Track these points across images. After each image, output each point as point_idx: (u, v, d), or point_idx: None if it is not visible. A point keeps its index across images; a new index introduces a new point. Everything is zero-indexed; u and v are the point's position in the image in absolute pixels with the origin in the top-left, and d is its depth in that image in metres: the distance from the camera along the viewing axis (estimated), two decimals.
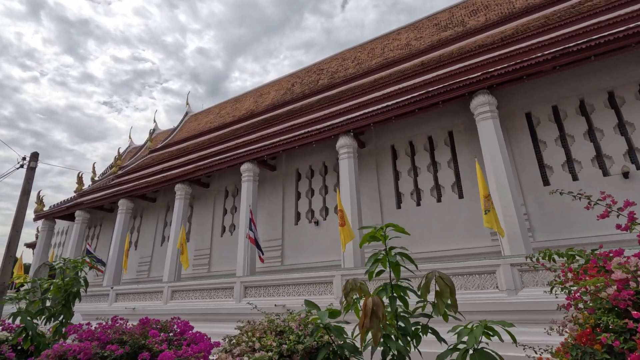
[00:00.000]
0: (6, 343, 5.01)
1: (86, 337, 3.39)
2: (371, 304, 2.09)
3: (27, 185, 6.86)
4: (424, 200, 10.69)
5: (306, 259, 12.16)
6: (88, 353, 3.09)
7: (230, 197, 15.31)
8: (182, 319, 4.11)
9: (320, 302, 7.91)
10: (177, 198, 14.35)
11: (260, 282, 9.23)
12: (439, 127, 11.06)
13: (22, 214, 6.80)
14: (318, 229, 12.31)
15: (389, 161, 11.65)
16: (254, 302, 9.14)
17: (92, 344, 3.18)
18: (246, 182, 12.41)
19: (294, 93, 19.93)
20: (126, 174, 21.59)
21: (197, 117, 28.13)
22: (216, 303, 9.85)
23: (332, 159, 12.92)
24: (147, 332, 3.41)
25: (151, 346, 3.36)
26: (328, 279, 8.22)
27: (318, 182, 13.03)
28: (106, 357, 3.20)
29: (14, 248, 6.55)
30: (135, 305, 11.45)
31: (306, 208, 12.95)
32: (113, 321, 4.20)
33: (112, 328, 3.59)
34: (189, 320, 9.46)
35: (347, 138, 10.70)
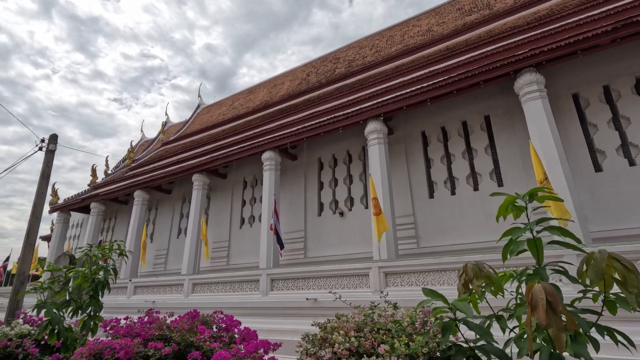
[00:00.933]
0: (29, 337, 4.56)
1: (124, 332, 2.87)
2: (543, 293, 1.51)
3: (47, 168, 6.40)
4: (459, 188, 10.03)
5: (330, 252, 11.62)
6: (130, 352, 2.58)
7: (249, 188, 14.81)
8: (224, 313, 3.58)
9: (355, 295, 7.34)
10: (194, 189, 13.90)
11: (288, 275, 8.72)
12: (474, 112, 10.36)
13: (42, 199, 6.36)
14: (343, 220, 11.75)
15: (419, 148, 11.00)
16: (282, 296, 8.64)
17: (134, 340, 2.66)
18: (268, 171, 11.88)
19: (310, 83, 19.32)
20: (140, 166, 21.30)
21: (210, 110, 27.75)
22: (240, 296, 9.38)
23: (357, 147, 12.31)
24: (197, 328, 2.88)
25: (200, 344, 2.83)
26: (363, 271, 7.66)
27: (342, 172, 12.44)
28: (150, 357, 2.67)
29: (33, 236, 6.12)
30: (155, 299, 11.06)
31: (329, 198, 12.38)
32: (148, 315, 3.70)
33: (152, 322, 3.06)
34: None
35: (376, 123, 10.07)
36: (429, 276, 6.89)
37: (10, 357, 4.28)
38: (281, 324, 8.06)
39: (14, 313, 5.55)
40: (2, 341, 4.33)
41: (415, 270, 7.03)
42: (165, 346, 2.68)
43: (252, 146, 12.43)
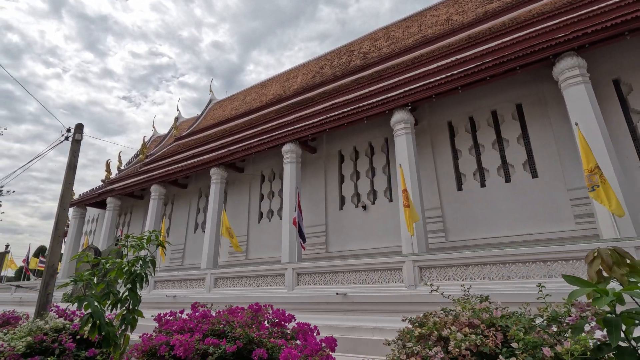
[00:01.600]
0: (64, 332, 4.36)
1: (178, 328, 2.62)
2: None
3: (73, 158, 6.22)
4: (489, 180, 9.65)
5: (353, 246, 11.35)
6: (190, 348, 2.33)
7: (267, 182, 14.58)
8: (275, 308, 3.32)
9: (387, 290, 7.04)
10: (212, 182, 13.72)
11: (315, 269, 8.46)
12: (504, 100, 9.94)
13: (69, 189, 6.18)
14: (366, 214, 11.45)
15: (445, 139, 10.63)
16: (309, 290, 8.40)
17: (194, 336, 2.40)
18: (289, 163, 11.62)
19: (324, 75, 18.99)
20: (154, 161, 21.26)
21: (222, 105, 27.61)
22: (265, 291, 9.16)
23: (379, 138, 11.98)
24: (261, 323, 2.62)
25: (263, 340, 2.57)
26: (396, 265, 7.36)
27: (364, 164, 12.12)
28: (209, 354, 2.42)
29: (62, 227, 5.95)
30: (176, 293, 10.91)
31: (351, 192, 12.08)
32: (193, 309, 3.46)
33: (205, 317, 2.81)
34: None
35: (403, 112, 9.72)
36: (469, 270, 6.56)
37: (46, 352, 4.09)
38: (310, 319, 7.79)
39: (45, 307, 5.39)
40: (37, 335, 4.14)
41: (453, 264, 6.71)
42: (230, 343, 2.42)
43: (272, 138, 12.17)
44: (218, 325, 2.67)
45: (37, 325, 4.36)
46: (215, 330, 2.84)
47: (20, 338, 4.16)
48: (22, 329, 4.35)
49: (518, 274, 6.12)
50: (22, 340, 4.08)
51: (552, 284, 5.61)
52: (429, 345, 1.77)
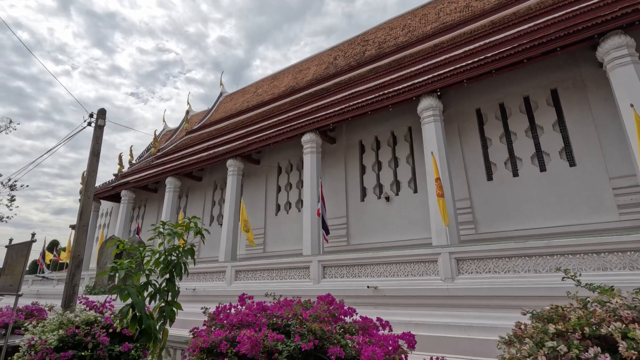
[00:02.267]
0: (96, 325, 4.10)
1: (238, 322, 2.31)
2: None
3: (96, 145, 5.96)
4: (522, 169, 9.21)
5: (375, 238, 11.01)
6: (258, 345, 2.00)
7: (284, 174, 14.28)
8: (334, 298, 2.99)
9: (421, 283, 6.69)
10: (229, 174, 13.46)
11: (342, 261, 8.14)
12: (538, 86, 9.45)
13: (93, 178, 5.92)
14: (389, 205, 11.08)
15: (474, 127, 10.18)
16: (336, 283, 8.10)
17: (263, 332, 2.09)
18: (309, 154, 11.28)
19: (338, 66, 18.55)
20: (166, 154, 21.11)
21: (233, 97, 27.35)
22: (289, 284, 8.88)
23: (402, 127, 11.56)
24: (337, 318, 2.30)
25: (337, 337, 2.24)
26: (430, 258, 7.00)
27: (386, 154, 11.73)
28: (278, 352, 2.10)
29: (86, 216, 5.70)
30: (195, 286, 10.71)
31: (373, 183, 11.71)
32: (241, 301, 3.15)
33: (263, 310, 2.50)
34: None
35: (431, 99, 9.29)
36: (512, 262, 6.18)
37: (79, 346, 3.84)
38: None
39: (72, 298, 5.16)
40: (69, 328, 3.88)
41: (494, 256, 6.34)
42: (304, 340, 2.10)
43: (291, 128, 11.82)
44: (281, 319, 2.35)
45: (68, 318, 4.11)
46: (274, 324, 2.52)
47: (51, 331, 3.92)
48: (52, 322, 4.11)
49: (568, 267, 5.72)
50: (53, 333, 3.84)
51: (609, 277, 5.22)
52: (577, 345, 1.42)
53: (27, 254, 4.57)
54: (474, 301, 6.34)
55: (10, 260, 4.88)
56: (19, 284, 4.47)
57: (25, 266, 4.52)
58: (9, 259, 4.94)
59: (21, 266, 4.55)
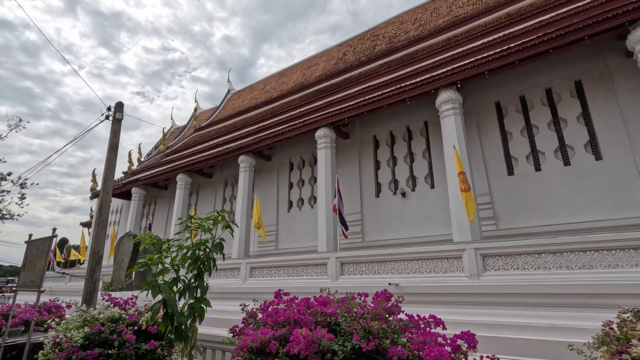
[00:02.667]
0: (121, 322, 3.97)
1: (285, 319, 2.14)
2: None
3: (114, 139, 5.83)
4: (545, 163, 8.94)
5: (391, 235, 10.81)
6: (313, 344, 1.83)
7: (296, 170, 14.11)
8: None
9: (444, 280, 6.50)
10: (241, 170, 13.32)
11: (360, 258, 7.96)
12: (561, 77, 9.16)
13: (112, 172, 5.80)
14: (405, 202, 10.87)
15: (493, 120, 9.92)
16: (355, 280, 7.93)
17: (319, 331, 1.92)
18: (323, 149, 11.09)
19: (348, 62, 18.34)
20: (175, 151, 21.09)
21: (240, 95, 27.28)
22: (305, 281, 8.73)
23: (418, 122, 11.32)
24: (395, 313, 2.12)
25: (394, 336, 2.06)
26: (455, 254, 6.79)
27: (401, 149, 11.50)
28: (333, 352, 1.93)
29: (106, 211, 5.58)
30: (209, 283, 10.59)
31: (388, 178, 11.50)
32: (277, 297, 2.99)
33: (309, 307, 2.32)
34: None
35: (450, 92, 9.05)
36: (542, 259, 5.96)
37: (104, 344, 3.71)
38: None
39: (92, 295, 5.04)
40: (95, 326, 3.76)
41: (523, 252, 6.11)
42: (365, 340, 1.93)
43: (305, 123, 11.64)
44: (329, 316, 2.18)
45: (92, 315, 3.98)
46: (319, 322, 2.35)
47: (76, 328, 3.79)
48: (76, 319, 3.98)
49: (602, 263, 5.49)
50: (79, 331, 3.71)
51: None
52: None
53: (48, 250, 4.46)
54: (501, 299, 6.13)
55: (31, 256, 4.78)
56: (41, 280, 4.36)
57: (46, 262, 4.41)
58: (29, 254, 4.84)
59: (42, 262, 4.44)
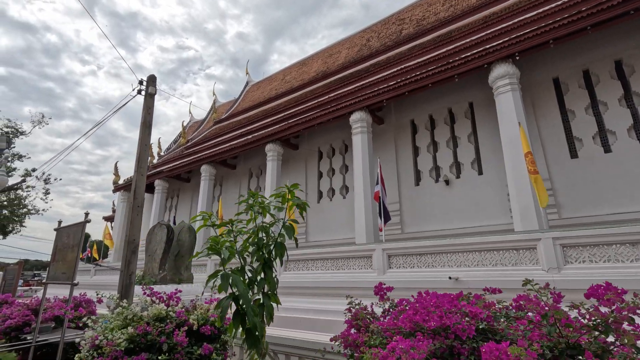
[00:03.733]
0: (169, 321, 3.34)
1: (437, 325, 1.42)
2: None
3: (147, 115, 5.22)
4: (617, 144, 7.94)
5: (434, 226, 9.99)
6: None
7: (325, 159, 13.40)
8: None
9: (514, 274, 5.65)
10: (268, 160, 12.70)
11: (413, 250, 7.20)
12: (636, 46, 8.10)
13: (146, 152, 5.22)
14: (449, 190, 10.02)
15: (551, 98, 8.94)
16: (406, 274, 7.19)
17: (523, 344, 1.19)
18: (359, 134, 10.32)
19: (372, 48, 17.47)
20: (196, 144, 20.75)
21: (260, 86, 26.76)
22: (347, 275, 8.02)
23: (461, 104, 10.41)
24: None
25: None
26: (527, 244, 5.95)
27: (443, 134, 10.62)
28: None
29: (140, 195, 4.99)
30: None
31: (429, 165, 10.65)
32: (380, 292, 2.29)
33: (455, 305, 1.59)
34: (314, 295, 7.56)
35: (506, 65, 8.12)
36: (638, 249, 5.07)
37: (152, 348, 3.09)
38: None
39: (128, 289, 4.46)
40: (140, 326, 3.14)
41: (615, 242, 5.24)
42: None
43: (339, 107, 10.87)
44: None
45: (134, 313, 3.37)
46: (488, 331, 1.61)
47: (117, 328, 3.19)
48: (117, 317, 3.38)
49: None
50: (121, 332, 3.10)
51: None
52: None
53: (80, 237, 3.90)
54: None
55: (61, 245, 4.24)
56: (74, 272, 3.80)
57: (79, 250, 3.85)
58: (59, 243, 4.30)
59: (75, 251, 3.88)
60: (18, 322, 5.26)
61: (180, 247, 6.96)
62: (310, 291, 8.28)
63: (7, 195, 29.12)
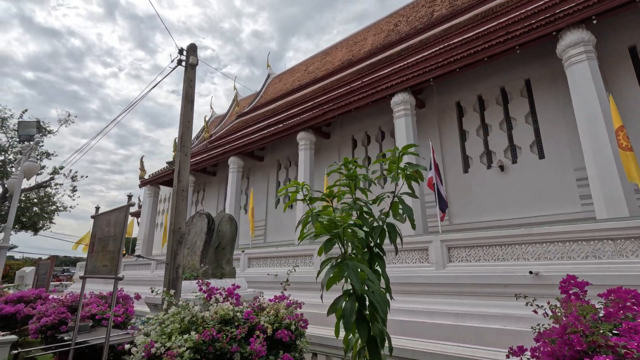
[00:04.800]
0: (237, 323, 2.68)
1: None
2: None
3: (189, 89, 4.62)
4: None
5: (487, 216, 9.09)
6: None
7: (360, 147, 12.63)
8: None
9: (610, 268, 4.74)
10: (301, 149, 12.04)
11: (474, 241, 6.37)
12: None
13: (189, 130, 4.61)
14: (504, 176, 9.09)
15: (628, 68, 7.86)
16: (469, 269, 6.38)
17: None
18: (402, 117, 9.49)
19: (401, 32, 16.51)
20: (220, 138, 20.37)
21: (282, 78, 26.25)
22: (400, 269, 7.27)
23: (516, 81, 9.42)
24: None
25: None
26: (626, 232, 5.04)
27: (495, 115, 9.67)
28: None
29: (185, 178, 4.39)
30: (277, 272, 9.45)
31: (479, 150, 9.73)
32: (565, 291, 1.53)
33: None
34: None
35: (580, 32, 7.12)
36: None
37: (222, 358, 2.45)
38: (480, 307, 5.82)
39: (175, 284, 3.86)
40: (205, 330, 2.50)
41: None
42: None
43: (377, 89, 10.07)
44: None
45: (193, 313, 2.74)
46: None
47: (178, 333, 2.56)
48: (172, 318, 2.76)
49: None
50: (184, 338, 2.46)
51: None
52: None
53: (124, 224, 3.32)
54: None
55: (101, 234, 3.69)
56: (117, 265, 3.22)
57: (123, 239, 3.27)
58: (98, 231, 3.75)
59: (118, 240, 3.31)
60: (54, 320, 4.80)
61: (220, 238, 6.37)
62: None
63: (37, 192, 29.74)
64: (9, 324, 6.42)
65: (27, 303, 6.76)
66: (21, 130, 6.36)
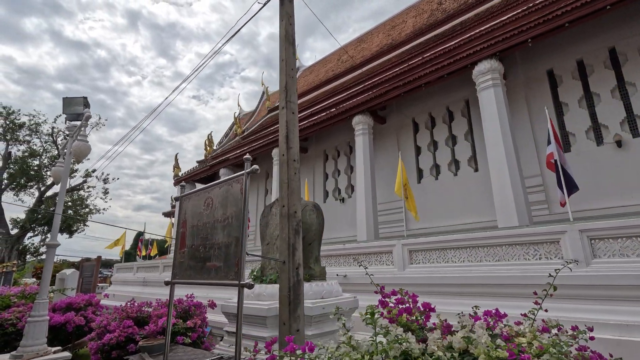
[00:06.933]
0: None
1: None
2: None
3: (289, 27, 3.42)
4: None
5: (601, 203, 7.52)
6: None
7: (424, 131, 11.21)
8: None
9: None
10: (357, 134, 10.78)
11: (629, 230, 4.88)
12: None
13: (292, 77, 3.30)
14: (621, 154, 7.48)
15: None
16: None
17: None
18: (491, 87, 8.00)
19: (448, 10, 14.95)
20: (252, 133, 19.49)
21: (313, 70, 25.25)
22: (512, 268, 5.84)
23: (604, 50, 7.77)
24: None
25: None
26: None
27: (604, 81, 8.05)
28: None
29: (295, 145, 3.17)
30: (347, 272, 8.20)
31: (584, 124, 8.15)
32: None
33: None
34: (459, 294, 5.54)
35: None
36: None
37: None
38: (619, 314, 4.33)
39: (297, 289, 2.65)
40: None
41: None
42: None
43: (457, 57, 8.63)
44: None
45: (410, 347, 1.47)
46: None
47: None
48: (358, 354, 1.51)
49: None
50: None
51: None
52: None
53: (243, 202, 2.13)
54: None
55: (198, 220, 2.51)
56: (239, 264, 2.03)
57: (244, 225, 2.08)
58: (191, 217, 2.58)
59: (234, 227, 2.13)
60: (120, 337, 3.71)
61: (305, 232, 5.16)
62: (445, 289, 6.26)
63: (70, 196, 29.88)
64: (59, 335, 5.46)
65: (77, 311, 5.80)
66: (66, 108, 5.35)
